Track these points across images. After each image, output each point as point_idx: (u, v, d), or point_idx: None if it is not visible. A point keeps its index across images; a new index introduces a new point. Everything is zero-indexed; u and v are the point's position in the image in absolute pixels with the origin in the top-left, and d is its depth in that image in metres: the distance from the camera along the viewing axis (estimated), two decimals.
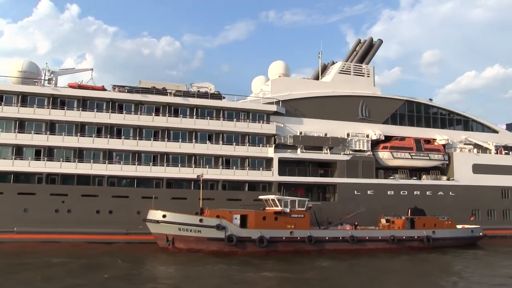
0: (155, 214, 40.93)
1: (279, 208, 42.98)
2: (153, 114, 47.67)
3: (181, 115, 48.34)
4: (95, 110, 46.64)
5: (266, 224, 41.99)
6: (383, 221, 48.42)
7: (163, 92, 48.54)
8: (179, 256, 38.61)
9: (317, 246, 42.06)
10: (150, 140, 47.32)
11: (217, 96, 50.43)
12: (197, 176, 43.88)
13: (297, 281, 30.17)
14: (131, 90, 47.78)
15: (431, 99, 59.76)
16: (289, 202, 43.46)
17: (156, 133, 48.05)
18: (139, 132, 47.63)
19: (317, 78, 60.09)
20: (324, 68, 60.46)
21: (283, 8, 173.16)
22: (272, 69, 57.74)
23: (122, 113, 47.15)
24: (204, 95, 49.58)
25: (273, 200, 43.61)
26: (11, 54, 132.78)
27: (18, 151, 45.09)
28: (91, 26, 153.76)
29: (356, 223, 45.66)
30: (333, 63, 61.63)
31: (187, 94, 48.91)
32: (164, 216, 40.56)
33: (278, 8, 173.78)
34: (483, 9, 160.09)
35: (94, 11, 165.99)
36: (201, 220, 40.45)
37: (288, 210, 43.04)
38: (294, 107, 52.05)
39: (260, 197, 45.60)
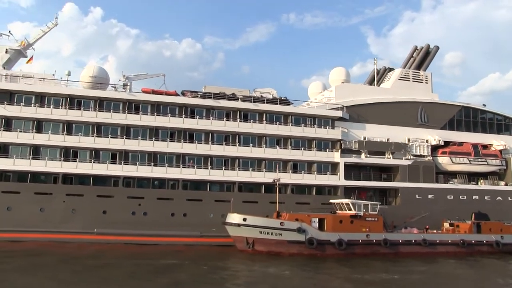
0: (235, 218, 41.88)
1: (352, 212, 43.90)
2: (224, 119, 48.78)
3: (251, 120, 49.39)
4: (169, 115, 47.73)
5: (342, 227, 42.92)
6: (446, 225, 49.17)
7: (233, 97, 49.64)
8: (258, 258, 39.52)
9: (392, 249, 42.91)
10: (222, 144, 48.39)
11: (286, 101, 51.57)
12: (273, 180, 44.92)
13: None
14: (204, 95, 48.87)
15: (484, 105, 60.56)
16: (362, 205, 44.46)
17: (227, 138, 49.12)
18: (211, 136, 48.67)
19: (370, 83, 61.27)
20: (377, 74, 61.29)
21: (303, 10, 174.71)
22: (333, 75, 58.88)
23: (194, 118, 48.21)
24: (273, 101, 50.71)
25: (347, 204, 44.54)
26: (36, 56, 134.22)
27: (96, 155, 46.20)
28: (113, 29, 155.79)
29: (427, 227, 46.46)
30: (385, 69, 62.87)
31: (257, 100, 50.06)
32: (244, 219, 41.51)
33: (299, 11, 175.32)
34: (506, 10, 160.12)
35: (117, 13, 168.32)
36: (281, 224, 41.40)
37: (361, 213, 44.01)
38: (357, 113, 53.06)
39: (332, 201, 46.63)
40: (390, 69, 63.03)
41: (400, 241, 43.82)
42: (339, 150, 51.16)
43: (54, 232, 42.68)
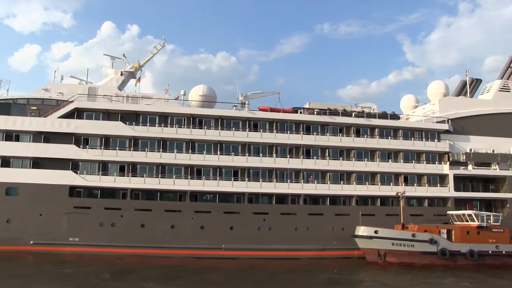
0: (366, 230, 43.08)
1: (475, 223, 44.61)
2: (339, 134, 50.16)
3: (365, 135, 50.76)
4: (287, 132, 49.30)
5: (469, 238, 43.69)
6: None
7: (347, 113, 51.06)
8: (391, 270, 40.52)
9: None
10: (339, 159, 49.70)
11: (395, 116, 52.85)
12: (397, 193, 46.05)
13: None
14: (319, 112, 50.40)
15: None
16: (485, 217, 45.20)
17: (341, 153, 50.43)
18: (327, 152, 50.09)
19: (458, 95, 62.10)
20: (465, 85, 61.88)
21: (337, 20, 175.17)
22: (432, 89, 59.92)
23: (311, 134, 49.69)
24: (384, 116, 51.97)
25: (469, 215, 45.26)
26: (77, 74, 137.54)
27: (219, 172, 47.75)
28: (150, 45, 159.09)
29: None
30: (473, 80, 63.53)
31: (369, 115, 51.38)
32: (376, 232, 42.70)
33: (333, 21, 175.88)
34: None
35: (153, 30, 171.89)
36: (413, 235, 42.47)
37: (485, 224, 44.71)
38: (461, 125, 53.97)
39: (449, 212, 47.48)
40: (477, 80, 63.80)
41: None
42: (448, 162, 52.02)
43: (185, 248, 44.01)
